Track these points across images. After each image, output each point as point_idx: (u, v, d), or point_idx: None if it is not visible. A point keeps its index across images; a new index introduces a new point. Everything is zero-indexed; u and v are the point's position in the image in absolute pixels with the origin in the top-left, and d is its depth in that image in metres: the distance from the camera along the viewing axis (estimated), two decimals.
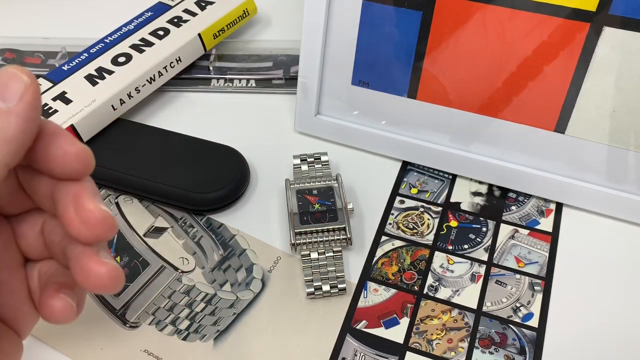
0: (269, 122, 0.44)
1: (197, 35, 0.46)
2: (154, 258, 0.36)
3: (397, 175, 0.41)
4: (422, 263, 0.36)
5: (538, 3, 0.34)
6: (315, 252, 0.35)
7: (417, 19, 0.37)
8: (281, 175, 0.40)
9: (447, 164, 0.40)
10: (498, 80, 0.37)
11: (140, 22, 0.46)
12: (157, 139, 0.41)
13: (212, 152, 0.40)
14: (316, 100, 0.41)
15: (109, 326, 0.33)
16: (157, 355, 0.32)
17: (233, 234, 0.38)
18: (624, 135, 0.35)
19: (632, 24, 0.32)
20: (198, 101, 0.46)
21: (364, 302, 0.34)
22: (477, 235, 0.37)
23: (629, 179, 0.36)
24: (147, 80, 0.43)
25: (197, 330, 0.33)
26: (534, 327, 0.33)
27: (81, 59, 0.43)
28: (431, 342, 0.33)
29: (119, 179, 0.39)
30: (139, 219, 0.38)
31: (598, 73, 0.34)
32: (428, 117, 0.39)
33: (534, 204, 0.39)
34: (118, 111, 0.42)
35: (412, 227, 0.38)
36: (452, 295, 0.34)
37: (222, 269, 0.36)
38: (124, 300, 0.34)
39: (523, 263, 0.36)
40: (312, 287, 0.34)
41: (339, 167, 0.41)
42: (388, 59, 0.39)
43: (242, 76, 0.47)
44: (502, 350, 0.32)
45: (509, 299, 0.34)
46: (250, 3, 0.50)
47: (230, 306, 0.34)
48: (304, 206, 0.36)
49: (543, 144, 0.37)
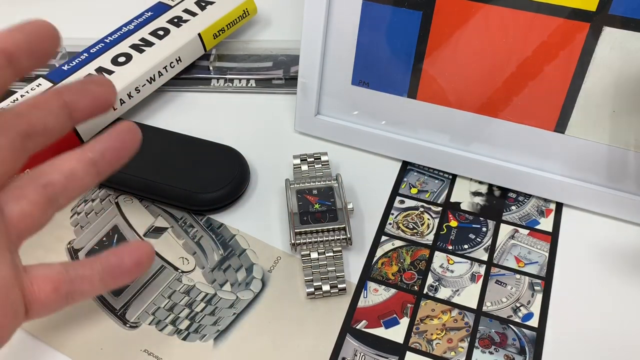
0: (269, 122, 0.44)
1: (197, 35, 0.46)
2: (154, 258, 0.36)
3: (397, 175, 0.41)
4: (422, 263, 0.36)
5: (538, 3, 0.34)
6: (315, 252, 0.35)
7: (417, 19, 0.37)
8: (281, 175, 0.40)
9: (447, 164, 0.40)
10: (498, 80, 0.37)
11: (140, 22, 0.46)
12: (157, 139, 0.41)
13: (212, 152, 0.40)
14: (316, 100, 0.41)
15: (109, 326, 0.33)
16: (157, 355, 0.32)
17: (233, 234, 0.38)
18: (624, 135, 0.35)
19: (632, 24, 0.32)
20: (198, 101, 0.46)
21: (364, 302, 0.34)
22: (477, 235, 0.37)
23: (629, 179, 0.36)
24: (147, 80, 0.43)
25: (197, 330, 0.33)
26: (534, 327, 0.33)
27: (81, 59, 0.43)
28: (431, 342, 0.33)
29: (119, 179, 0.39)
30: (139, 219, 0.38)
31: (598, 73, 0.34)
32: (428, 117, 0.39)
33: (534, 204, 0.39)
34: (118, 111, 0.42)
35: (412, 227, 0.38)
36: (452, 295, 0.35)
37: (222, 269, 0.36)
38: (124, 300, 0.34)
39: (523, 263, 0.36)
40: (312, 287, 0.34)
41: (339, 167, 0.41)
42: (388, 59, 0.39)
43: (242, 76, 0.47)
44: (502, 350, 0.32)
45: (509, 299, 0.34)
46: (250, 3, 0.50)
47: (230, 306, 0.34)
48: (304, 206, 0.36)
49: (543, 144, 0.37)
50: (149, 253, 0.29)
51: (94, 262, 0.27)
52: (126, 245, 0.29)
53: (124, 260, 0.28)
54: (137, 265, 0.29)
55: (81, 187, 0.27)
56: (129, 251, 0.29)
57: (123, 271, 0.28)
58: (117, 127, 0.28)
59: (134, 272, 0.29)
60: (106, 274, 0.28)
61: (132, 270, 0.28)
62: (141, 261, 0.29)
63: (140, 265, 0.29)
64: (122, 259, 0.28)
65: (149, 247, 0.29)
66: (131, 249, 0.29)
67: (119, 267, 0.28)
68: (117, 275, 0.28)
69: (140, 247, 0.29)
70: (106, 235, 0.37)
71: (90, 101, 0.27)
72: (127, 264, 0.28)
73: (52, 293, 0.25)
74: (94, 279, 0.27)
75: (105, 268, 0.28)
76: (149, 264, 0.29)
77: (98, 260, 0.28)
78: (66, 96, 0.26)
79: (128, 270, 0.28)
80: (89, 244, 0.37)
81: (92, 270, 0.27)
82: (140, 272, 0.29)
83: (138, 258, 0.28)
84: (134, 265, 0.28)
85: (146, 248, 0.29)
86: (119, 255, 0.28)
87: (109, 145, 0.27)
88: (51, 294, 0.25)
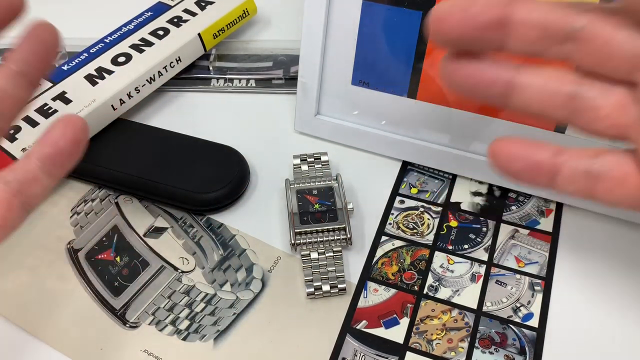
0: (269, 122, 0.44)
1: (197, 35, 0.46)
2: (154, 258, 0.36)
3: (397, 175, 0.41)
4: (422, 263, 0.36)
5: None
6: (315, 252, 0.35)
7: (417, 19, 0.37)
8: (281, 175, 0.40)
9: (447, 164, 0.40)
10: None
11: (140, 22, 0.46)
12: (157, 139, 0.41)
13: (212, 152, 0.40)
14: (316, 100, 0.41)
15: (109, 326, 0.33)
16: (157, 355, 0.32)
17: (233, 234, 0.38)
18: None
19: None
20: (198, 101, 0.46)
21: (364, 302, 0.34)
22: (477, 235, 0.37)
23: None
24: (147, 80, 0.43)
25: (197, 330, 0.33)
26: (534, 327, 0.33)
27: (81, 58, 0.43)
28: (431, 342, 0.33)
29: (119, 179, 0.39)
30: (139, 219, 0.38)
31: None
32: (428, 117, 0.39)
33: (534, 204, 0.39)
34: (118, 111, 0.42)
35: (412, 227, 0.38)
36: (452, 295, 0.34)
37: (222, 269, 0.36)
38: (124, 300, 0.34)
39: (523, 263, 0.36)
40: (312, 287, 0.34)
41: (339, 167, 0.41)
42: (388, 59, 0.39)
43: (242, 76, 0.47)
44: (502, 350, 0.32)
45: (509, 299, 0.34)
46: (250, 3, 0.50)
47: (230, 306, 0.34)
48: (304, 206, 0.36)
49: None
50: (81, 125, 0.26)
51: (28, 160, 0.26)
52: (54, 127, 0.26)
53: (58, 144, 0.26)
54: (75, 143, 0.26)
55: (17, 102, 0.25)
56: (60, 132, 0.26)
57: (63, 155, 0.26)
58: (30, 29, 0.25)
59: (74, 151, 0.26)
60: (48, 165, 0.26)
61: (72, 150, 0.26)
62: (77, 137, 0.26)
63: (77, 142, 0.26)
64: (56, 144, 0.26)
65: (78, 118, 0.26)
66: (61, 128, 0.26)
67: (58, 153, 0.26)
68: (59, 161, 0.26)
69: (69, 122, 0.26)
70: (106, 235, 0.37)
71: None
72: (63, 146, 0.26)
73: (7, 212, 0.25)
74: (38, 177, 0.26)
75: (43, 161, 0.26)
76: (85, 135, 0.26)
77: (33, 155, 0.26)
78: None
79: (68, 152, 0.26)
80: (88, 244, 0.37)
81: (32, 169, 0.26)
82: (80, 148, 0.26)
83: (72, 136, 0.26)
84: (71, 144, 0.26)
85: (75, 121, 0.26)
86: (51, 140, 0.26)
87: (29, 50, 0.25)
88: (7, 213, 0.25)
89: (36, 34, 0.25)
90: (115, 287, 0.35)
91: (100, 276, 0.36)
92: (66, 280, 0.35)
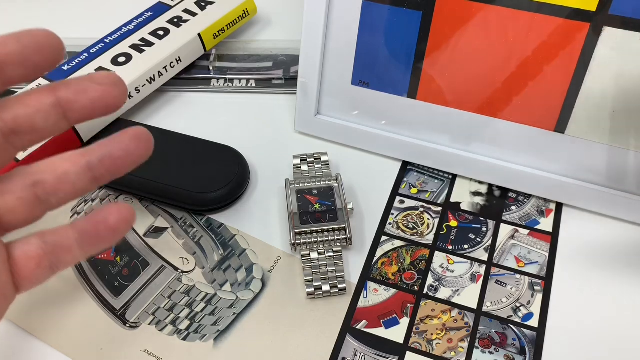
0: (269, 122, 0.44)
1: (197, 35, 0.46)
2: (154, 258, 0.36)
3: (397, 175, 0.41)
4: (422, 263, 0.36)
5: (538, 3, 0.34)
6: (315, 252, 0.35)
7: (417, 19, 0.37)
8: (281, 175, 0.40)
9: (447, 164, 0.40)
10: (498, 80, 0.37)
11: (140, 22, 0.46)
12: (157, 139, 0.41)
13: (212, 152, 0.40)
14: (316, 100, 0.41)
15: (109, 326, 0.33)
16: (157, 355, 0.32)
17: (233, 234, 0.38)
18: (624, 135, 0.35)
19: (632, 24, 0.32)
20: (198, 101, 0.46)
21: (364, 302, 0.34)
22: (477, 235, 0.37)
23: (629, 179, 0.36)
24: (147, 80, 0.43)
25: (197, 330, 0.33)
26: (534, 327, 0.33)
27: (81, 59, 0.43)
28: (431, 342, 0.33)
29: (119, 178, 0.39)
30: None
31: (598, 73, 0.34)
32: (428, 117, 0.39)
33: (534, 204, 0.39)
34: (118, 111, 0.42)
35: (412, 227, 0.38)
36: (452, 295, 0.35)
37: (222, 269, 0.36)
38: (124, 300, 0.34)
39: (523, 263, 0.36)
40: (312, 287, 0.34)
41: (339, 167, 0.41)
42: (388, 59, 0.39)
43: (242, 76, 0.47)
44: (502, 350, 0.32)
45: (509, 299, 0.34)
46: (250, 3, 0.50)
47: (230, 306, 0.34)
48: (304, 206, 0.36)
49: (543, 144, 0.37)
50: (127, 217, 0.27)
51: (71, 229, 0.26)
52: (105, 209, 0.26)
53: (99, 228, 0.26)
54: (114, 232, 0.26)
55: (75, 190, 0.26)
56: (106, 216, 0.26)
57: (100, 238, 0.26)
58: (125, 132, 0.26)
59: (111, 238, 0.26)
60: (84, 242, 0.26)
61: (110, 237, 0.26)
62: (119, 227, 0.26)
63: (117, 231, 0.26)
64: (98, 227, 0.26)
65: (129, 210, 0.27)
66: (108, 213, 0.26)
67: (96, 236, 0.26)
68: (95, 242, 0.26)
69: (119, 210, 0.26)
70: None
71: (89, 102, 0.25)
72: (103, 231, 0.26)
73: (36, 269, 0.25)
74: (72, 248, 0.26)
75: (82, 236, 0.26)
76: (128, 227, 0.27)
77: (76, 227, 0.26)
78: (62, 94, 0.25)
79: (105, 237, 0.26)
80: None
81: (70, 239, 0.26)
82: (117, 236, 0.27)
83: (115, 225, 0.26)
84: (111, 232, 0.26)
85: (125, 211, 0.26)
86: (96, 221, 0.26)
87: (110, 152, 0.26)
88: (35, 270, 0.25)
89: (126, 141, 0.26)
90: (115, 287, 0.35)
91: (101, 276, 0.36)
92: (66, 281, 0.35)
